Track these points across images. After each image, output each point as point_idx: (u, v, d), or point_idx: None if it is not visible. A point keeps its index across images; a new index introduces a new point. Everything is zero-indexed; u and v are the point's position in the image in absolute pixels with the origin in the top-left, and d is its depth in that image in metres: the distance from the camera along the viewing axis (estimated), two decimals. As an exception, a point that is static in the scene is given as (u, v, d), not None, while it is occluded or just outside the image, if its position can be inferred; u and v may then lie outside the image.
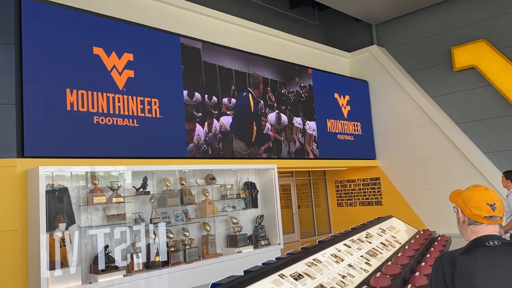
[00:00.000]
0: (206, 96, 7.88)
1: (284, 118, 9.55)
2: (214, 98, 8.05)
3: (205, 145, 7.69)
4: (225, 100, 8.24)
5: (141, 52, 6.93)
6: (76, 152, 5.96)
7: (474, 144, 10.57)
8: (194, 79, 7.74)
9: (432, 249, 5.19)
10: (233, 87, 8.47)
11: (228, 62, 8.46)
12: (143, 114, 6.78)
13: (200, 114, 7.71)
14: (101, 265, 5.48)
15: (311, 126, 10.26)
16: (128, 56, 6.74)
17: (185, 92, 7.49)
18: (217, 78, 8.18)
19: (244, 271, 2.81)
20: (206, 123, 7.80)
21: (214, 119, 7.97)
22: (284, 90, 9.67)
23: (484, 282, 1.76)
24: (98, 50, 6.41)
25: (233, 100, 8.41)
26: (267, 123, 9.08)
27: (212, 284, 2.48)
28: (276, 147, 9.19)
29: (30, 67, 5.67)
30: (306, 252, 3.47)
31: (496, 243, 1.87)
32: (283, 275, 2.84)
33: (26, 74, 5.62)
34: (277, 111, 9.39)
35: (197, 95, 7.73)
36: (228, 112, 8.27)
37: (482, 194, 1.99)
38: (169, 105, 7.19)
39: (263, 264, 3.10)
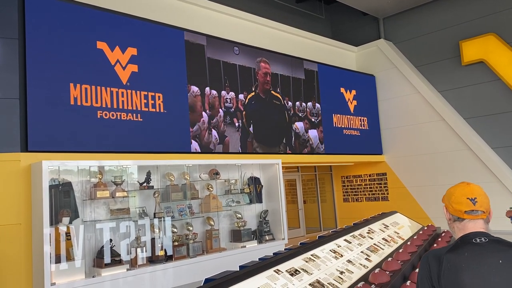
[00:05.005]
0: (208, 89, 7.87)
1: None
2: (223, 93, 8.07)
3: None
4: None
5: (145, 46, 6.93)
6: (79, 146, 5.99)
7: (482, 139, 10.44)
8: (198, 73, 7.74)
9: (435, 245, 5.13)
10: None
11: (232, 56, 8.43)
12: (147, 109, 6.79)
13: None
14: (105, 259, 5.51)
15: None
16: (131, 51, 6.74)
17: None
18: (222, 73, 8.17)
19: (240, 266, 2.80)
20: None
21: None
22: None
23: (471, 280, 1.74)
24: (101, 45, 6.42)
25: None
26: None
27: (205, 279, 2.47)
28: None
29: (34, 62, 5.70)
30: (305, 247, 3.45)
31: (483, 240, 1.85)
32: (279, 271, 2.82)
33: (30, 69, 5.65)
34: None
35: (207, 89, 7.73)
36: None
37: (462, 189, 1.99)
38: (173, 99, 7.19)
39: (259, 259, 3.09)
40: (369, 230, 4.88)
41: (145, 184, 6.30)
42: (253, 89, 8.74)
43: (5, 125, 5.41)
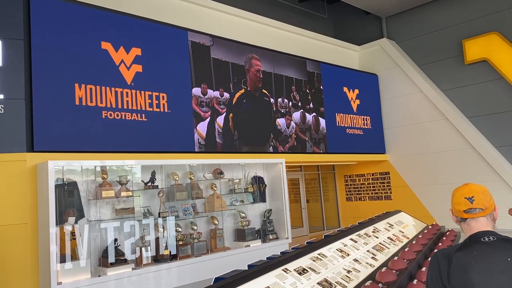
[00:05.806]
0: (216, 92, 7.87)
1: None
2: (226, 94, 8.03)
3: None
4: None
5: (149, 46, 6.94)
6: (85, 146, 6.01)
7: (485, 138, 10.44)
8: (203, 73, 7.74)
9: (440, 244, 5.15)
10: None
11: (235, 56, 8.43)
12: (151, 109, 6.80)
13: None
14: (110, 259, 5.53)
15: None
16: (136, 51, 6.76)
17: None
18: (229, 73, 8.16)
19: (248, 265, 2.82)
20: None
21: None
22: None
23: (479, 278, 1.77)
24: (106, 45, 6.43)
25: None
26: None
27: (215, 278, 2.49)
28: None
29: (39, 62, 5.72)
30: (312, 246, 3.46)
31: (492, 238, 1.88)
32: (287, 270, 2.84)
33: (35, 69, 5.67)
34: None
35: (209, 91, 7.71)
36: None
37: (462, 190, 2.04)
38: (177, 99, 7.20)
39: (267, 258, 3.11)
40: (374, 229, 4.89)
41: (149, 184, 6.32)
42: (242, 86, 8.48)
43: (11, 125, 5.43)
